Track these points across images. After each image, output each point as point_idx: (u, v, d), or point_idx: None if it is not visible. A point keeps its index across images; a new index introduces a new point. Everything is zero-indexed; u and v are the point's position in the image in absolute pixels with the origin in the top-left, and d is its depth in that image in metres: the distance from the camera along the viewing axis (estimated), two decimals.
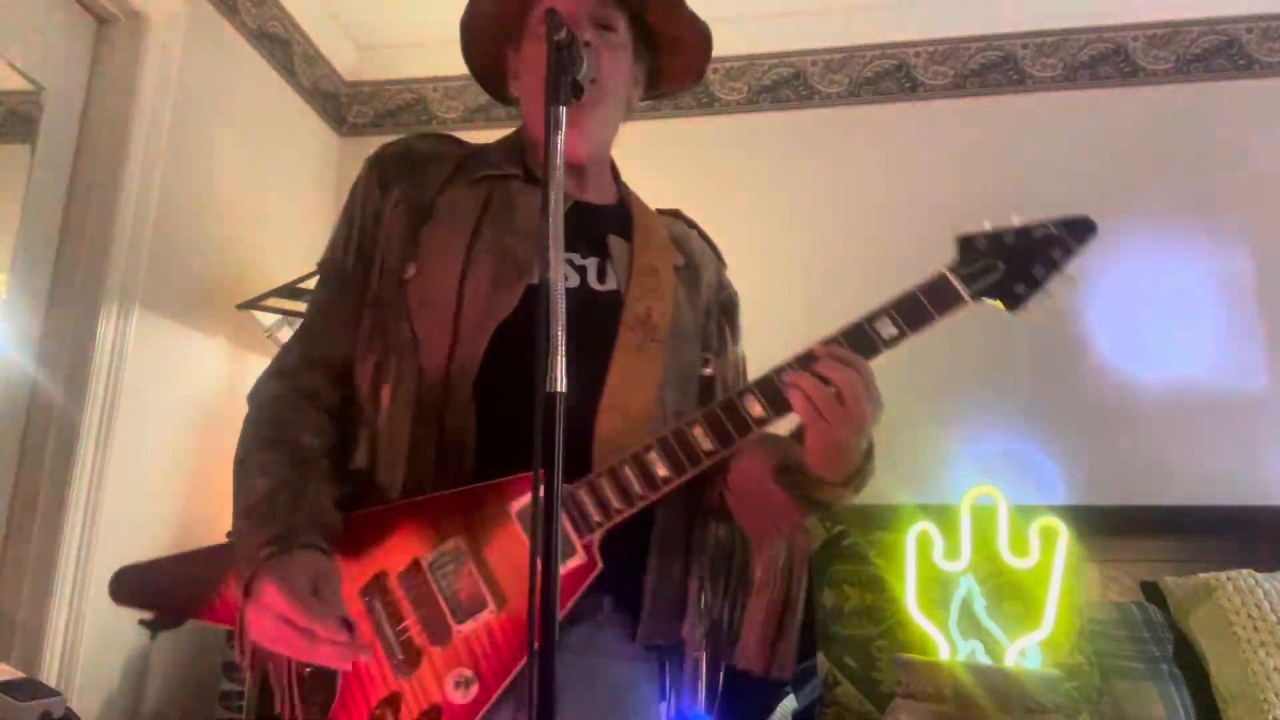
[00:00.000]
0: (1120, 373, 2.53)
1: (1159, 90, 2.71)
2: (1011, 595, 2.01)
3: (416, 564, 1.01)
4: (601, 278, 1.13)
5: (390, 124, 3.13)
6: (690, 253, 1.23)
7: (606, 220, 1.18)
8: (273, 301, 2.43)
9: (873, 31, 2.86)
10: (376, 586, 1.03)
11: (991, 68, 2.81)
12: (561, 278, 0.83)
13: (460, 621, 0.99)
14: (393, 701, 0.99)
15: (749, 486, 1.07)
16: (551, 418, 0.76)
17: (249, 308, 2.42)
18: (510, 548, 0.99)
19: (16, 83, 2.05)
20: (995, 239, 1.01)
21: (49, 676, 1.91)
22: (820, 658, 2.10)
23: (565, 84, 0.90)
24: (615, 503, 1.00)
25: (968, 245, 1.01)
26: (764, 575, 1.10)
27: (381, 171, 1.18)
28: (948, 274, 1.00)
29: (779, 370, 0.98)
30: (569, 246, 1.04)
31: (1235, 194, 2.60)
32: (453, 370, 1.03)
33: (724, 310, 1.24)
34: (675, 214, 1.30)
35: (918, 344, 1.00)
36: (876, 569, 2.15)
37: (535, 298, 0.99)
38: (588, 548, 0.99)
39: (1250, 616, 2.00)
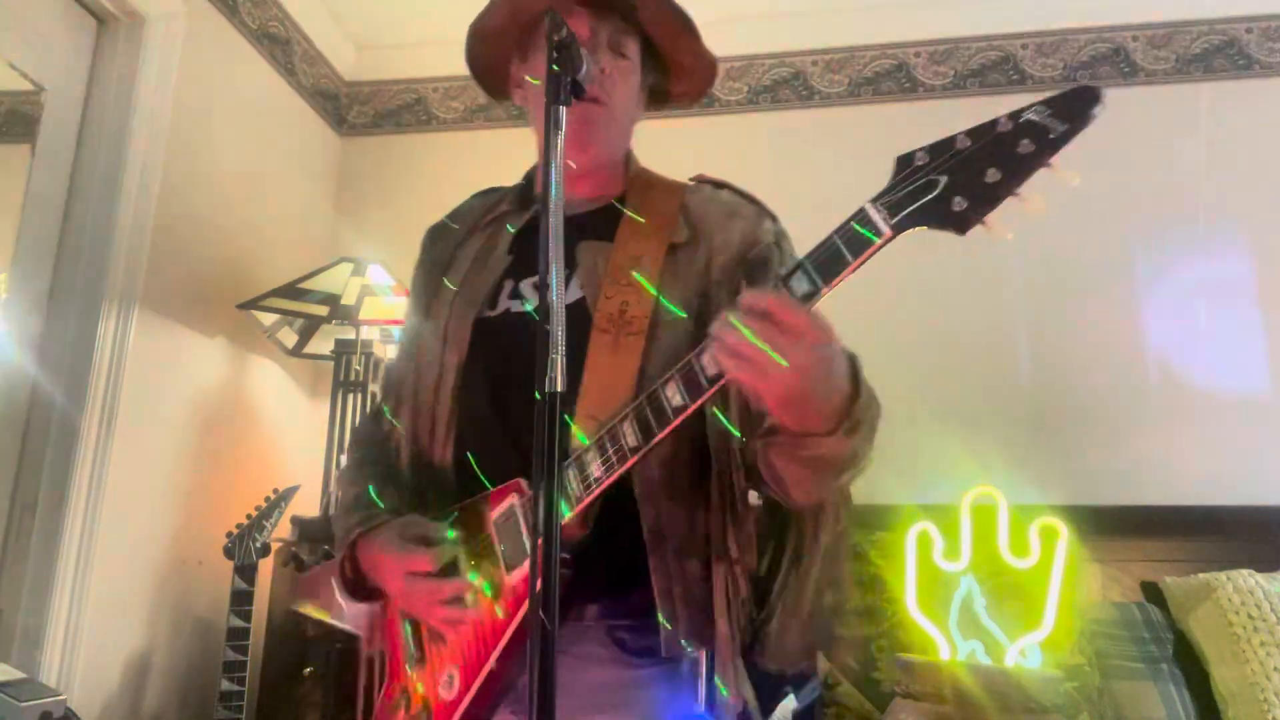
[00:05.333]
0: (1120, 372, 2.53)
1: (1158, 90, 2.71)
2: (1011, 595, 2.01)
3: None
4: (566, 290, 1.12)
5: (390, 124, 3.13)
6: (697, 221, 1.17)
7: (583, 226, 1.17)
8: (273, 301, 2.43)
9: (873, 31, 2.86)
10: None
11: (991, 68, 2.81)
12: (562, 280, 0.83)
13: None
14: (406, 692, 1.09)
15: (779, 464, 0.99)
16: (545, 422, 0.77)
17: (249, 308, 2.42)
18: (488, 552, 1.05)
19: (16, 83, 2.05)
20: (942, 148, 0.78)
21: (49, 676, 1.91)
22: (820, 658, 2.10)
23: (565, 84, 0.90)
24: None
25: (904, 164, 0.80)
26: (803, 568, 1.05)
27: (426, 240, 1.33)
28: (867, 205, 0.81)
29: (699, 351, 0.90)
30: (535, 268, 1.10)
31: (1235, 194, 2.60)
32: (437, 404, 1.15)
33: (748, 269, 1.13)
34: (701, 179, 1.25)
35: (919, 344, 0.99)
36: (876, 569, 2.15)
37: (484, 330, 1.14)
38: None
39: (1250, 616, 2.00)
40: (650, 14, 1.19)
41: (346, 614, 1.21)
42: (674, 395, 0.91)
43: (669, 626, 1.02)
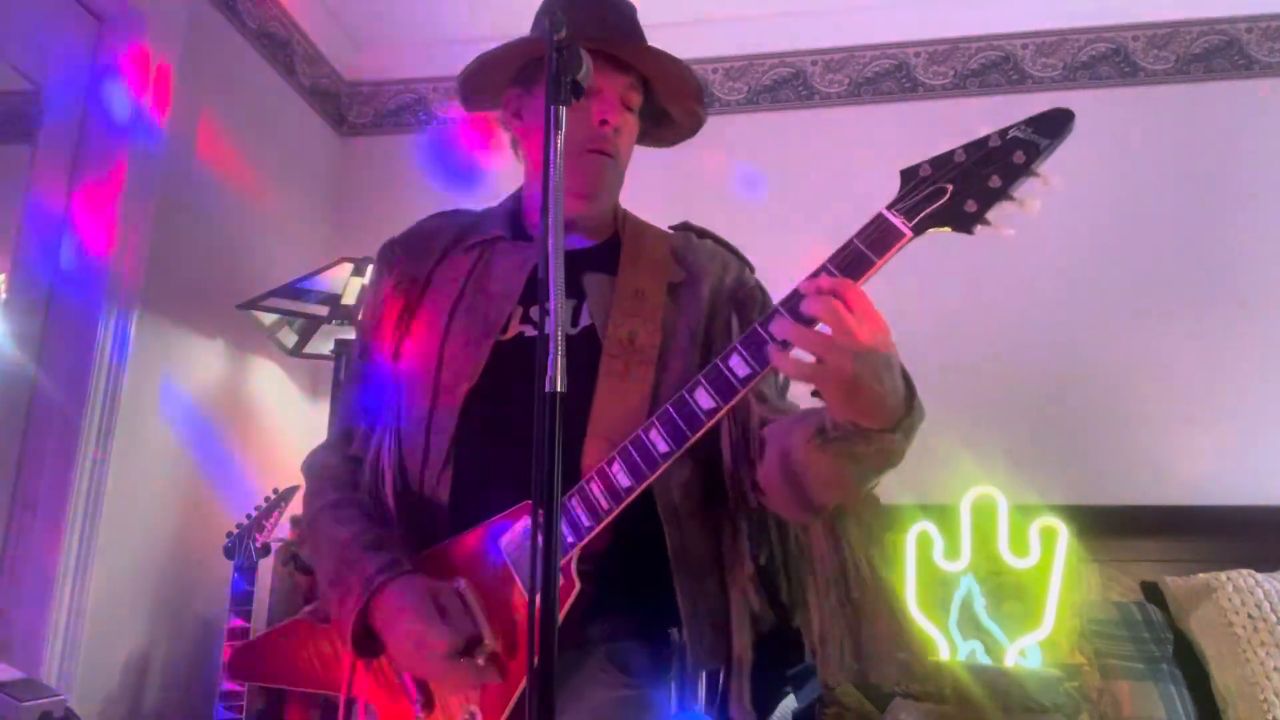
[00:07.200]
0: (1119, 372, 2.53)
1: (1159, 90, 2.71)
2: (1011, 595, 2.01)
3: None
4: (575, 321, 1.16)
5: (390, 124, 3.13)
6: (690, 264, 1.23)
7: (586, 261, 1.20)
8: (273, 301, 2.42)
9: (873, 31, 2.85)
10: None
11: (991, 68, 2.81)
12: (561, 282, 0.83)
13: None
14: None
15: (775, 478, 1.04)
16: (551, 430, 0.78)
17: (249, 308, 2.41)
18: (500, 581, 1.03)
19: (17, 83, 2.05)
20: (942, 161, 0.89)
21: (49, 676, 1.91)
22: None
23: (565, 84, 0.90)
24: (585, 520, 1.00)
25: (910, 176, 0.90)
26: (818, 578, 1.08)
27: (388, 255, 1.29)
28: (884, 211, 0.89)
29: (763, 322, 0.93)
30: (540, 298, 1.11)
31: (1235, 194, 2.59)
32: (432, 429, 1.11)
33: (737, 306, 1.21)
34: (685, 226, 1.30)
35: (919, 344, 0.99)
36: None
37: (496, 354, 1.11)
38: (565, 569, 0.99)
39: (1250, 616, 2.00)
40: (667, 80, 1.22)
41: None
42: (704, 399, 0.94)
43: (696, 647, 1.05)
